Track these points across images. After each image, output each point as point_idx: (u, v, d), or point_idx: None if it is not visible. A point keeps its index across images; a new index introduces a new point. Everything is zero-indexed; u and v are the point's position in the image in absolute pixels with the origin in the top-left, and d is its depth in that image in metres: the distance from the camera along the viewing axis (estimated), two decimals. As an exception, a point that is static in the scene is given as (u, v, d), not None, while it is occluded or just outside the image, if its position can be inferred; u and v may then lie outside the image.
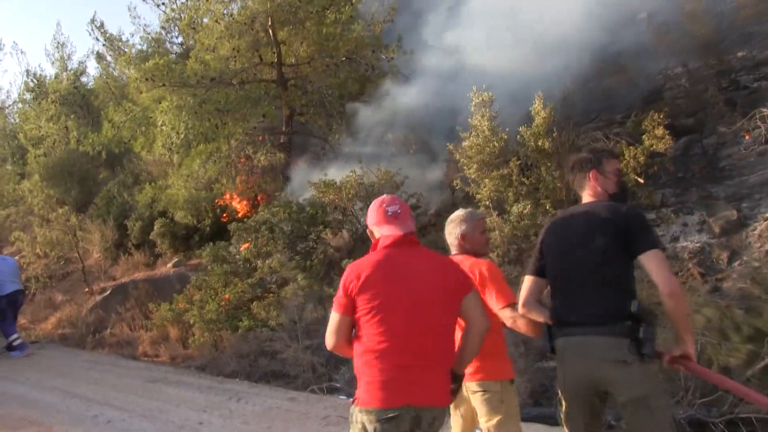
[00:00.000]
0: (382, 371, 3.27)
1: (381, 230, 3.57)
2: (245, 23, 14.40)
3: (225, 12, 14.78)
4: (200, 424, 7.15)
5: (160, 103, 14.52)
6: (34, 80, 27.08)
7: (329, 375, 8.74)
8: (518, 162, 11.07)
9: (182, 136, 13.91)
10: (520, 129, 11.28)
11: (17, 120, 28.85)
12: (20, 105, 28.85)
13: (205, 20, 15.73)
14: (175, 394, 8.66)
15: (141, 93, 14.73)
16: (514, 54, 14.81)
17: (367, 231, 3.74)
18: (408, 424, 3.19)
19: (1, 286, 12.17)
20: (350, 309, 3.38)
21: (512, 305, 3.92)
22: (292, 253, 12.11)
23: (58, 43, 27.68)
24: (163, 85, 14.02)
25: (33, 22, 67.68)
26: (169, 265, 16.05)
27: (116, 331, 13.22)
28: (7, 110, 28.34)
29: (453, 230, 4.39)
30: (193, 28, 16.48)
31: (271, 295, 11.68)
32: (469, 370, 3.79)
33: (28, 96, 27.49)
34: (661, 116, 10.81)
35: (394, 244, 3.46)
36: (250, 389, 8.77)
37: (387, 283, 3.34)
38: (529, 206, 10.50)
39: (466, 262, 4.07)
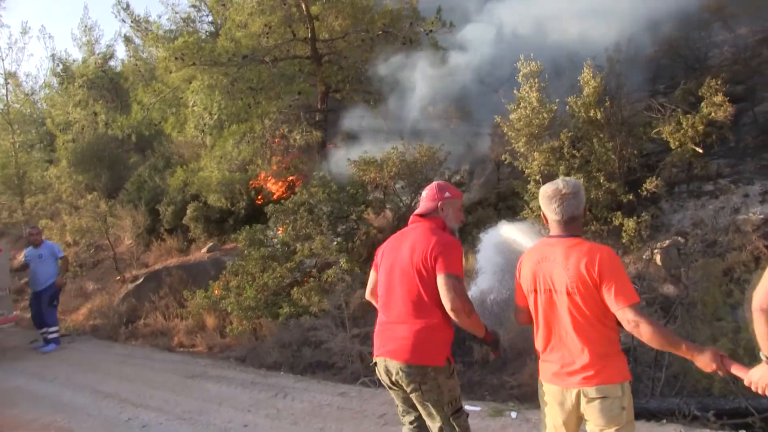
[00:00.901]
0: (375, 326, 4.09)
1: None
2: (277, -2, 13.82)
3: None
4: (245, 427, 6.53)
5: (190, 83, 14.01)
6: (61, 65, 26.72)
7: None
8: (569, 134, 10.39)
9: (215, 116, 13.37)
10: (570, 99, 10.60)
11: (45, 106, 28.47)
12: (47, 90, 28.53)
13: (236, -4, 15.19)
14: (216, 392, 8.04)
15: (170, 73, 14.15)
16: (556, 24, 14.19)
17: None
18: (384, 374, 3.91)
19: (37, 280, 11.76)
20: (377, 269, 4.21)
21: (635, 305, 3.23)
22: (333, 235, 11.49)
23: (86, 26, 27.42)
24: (194, 63, 13.48)
25: (60, 6, 67.33)
26: (204, 250, 15.53)
27: (150, 320, 12.67)
28: (35, 96, 27.92)
29: (572, 201, 3.54)
30: (223, 5, 15.96)
31: (311, 279, 11.09)
32: (584, 374, 3.32)
33: (55, 81, 27.19)
34: (719, 82, 10.11)
35: (409, 222, 4.19)
36: (297, 383, 8.12)
37: (389, 253, 4.10)
38: (582, 179, 9.78)
39: (583, 247, 3.40)
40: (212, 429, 6.52)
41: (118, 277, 15.76)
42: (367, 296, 4.35)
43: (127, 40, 25.27)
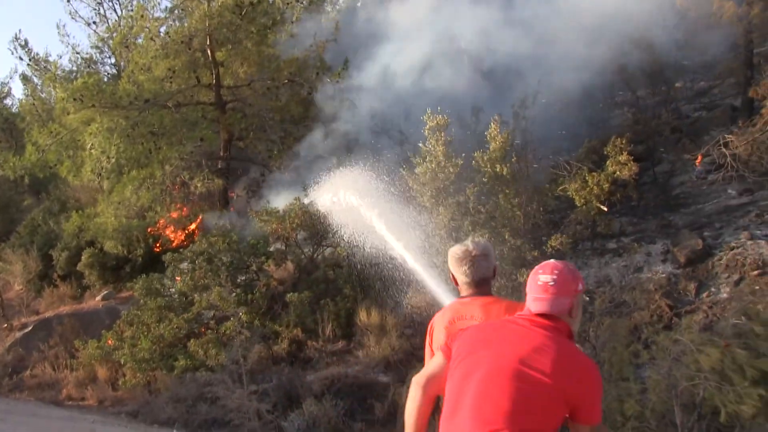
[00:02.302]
0: None
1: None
2: (182, 42, 13.68)
3: (161, 30, 14.03)
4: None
5: (89, 125, 13.58)
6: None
7: (277, 423, 7.95)
8: (475, 189, 10.54)
9: (113, 160, 13.01)
10: (476, 154, 10.76)
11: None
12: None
13: (140, 39, 14.92)
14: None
15: (69, 114, 13.72)
16: (459, 76, 14.52)
17: None
18: None
19: None
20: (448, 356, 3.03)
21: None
22: (233, 286, 11.29)
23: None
24: (93, 105, 13.11)
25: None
26: (98, 298, 15.00)
27: (37, 371, 12.09)
28: None
29: (483, 263, 3.45)
30: (126, 47, 15.64)
31: (209, 331, 10.84)
32: None
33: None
34: (623, 141, 10.42)
35: (515, 314, 2.96)
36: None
37: (486, 355, 2.81)
38: (488, 235, 9.90)
39: (501, 304, 3.34)
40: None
41: (5, 325, 14.99)
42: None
43: (25, 78, 24.39)
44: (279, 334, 10.84)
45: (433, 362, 3.12)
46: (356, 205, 10.95)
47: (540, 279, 2.86)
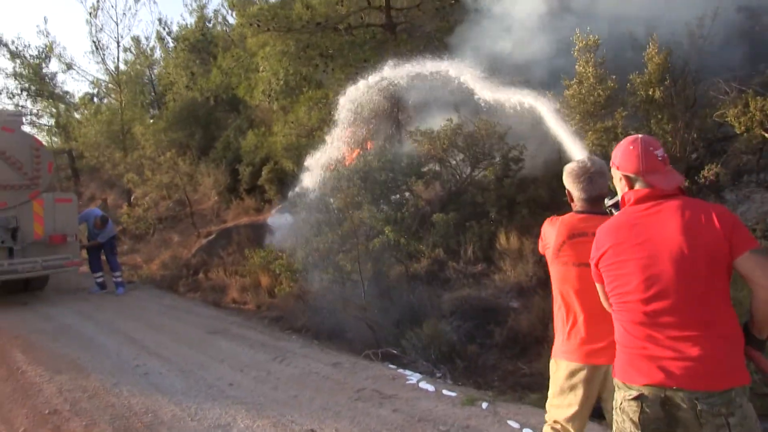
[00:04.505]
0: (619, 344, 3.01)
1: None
2: (355, -37, 13.93)
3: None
4: (230, 386, 6.86)
5: (264, 49, 14.36)
6: (166, 29, 27.86)
7: (396, 339, 8.27)
8: (624, 113, 10.03)
9: (281, 82, 13.70)
10: (631, 76, 10.19)
11: (154, 69, 29.78)
12: (159, 53, 29.80)
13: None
14: (226, 349, 8.50)
15: (246, 39, 14.58)
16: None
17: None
18: (657, 408, 2.79)
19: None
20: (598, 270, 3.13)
21: None
22: (384, 204, 11.69)
23: (196, -10, 28.21)
24: (268, 30, 13.82)
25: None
26: (273, 210, 16.09)
27: (212, 275, 13.35)
28: (142, 58, 29.08)
29: (599, 180, 3.62)
30: (302, -29, 16.13)
31: (359, 247, 11.35)
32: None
33: (158, 45, 28.38)
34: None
35: (636, 203, 2.98)
36: (301, 349, 8.43)
37: (632, 248, 2.94)
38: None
39: None
40: (201, 384, 6.91)
41: (195, 233, 16.58)
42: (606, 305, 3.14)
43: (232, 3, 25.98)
44: (422, 253, 11.12)
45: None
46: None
47: (658, 154, 2.97)
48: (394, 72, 12.59)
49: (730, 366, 2.73)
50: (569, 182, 3.63)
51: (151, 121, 24.61)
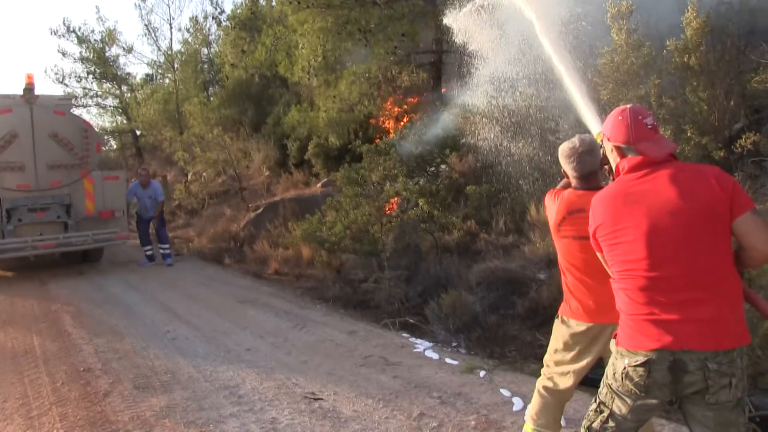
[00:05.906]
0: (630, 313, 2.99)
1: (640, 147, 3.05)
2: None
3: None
4: (247, 350, 7.24)
5: (303, 26, 14.58)
6: (218, 8, 28.36)
7: (420, 309, 8.48)
8: (658, 81, 9.86)
9: (319, 58, 13.91)
10: (668, 42, 9.98)
11: (211, 48, 30.37)
12: (220, 34, 30.28)
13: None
14: (252, 317, 8.93)
15: (287, 16, 14.81)
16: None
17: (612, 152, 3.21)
18: (666, 372, 2.80)
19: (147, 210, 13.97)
20: (596, 240, 3.21)
21: None
22: (419, 176, 11.86)
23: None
24: (308, 7, 14.02)
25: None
26: (319, 185, 16.43)
27: (258, 247, 13.75)
28: (194, 38, 29.64)
29: (588, 158, 3.78)
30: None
31: (394, 219, 11.57)
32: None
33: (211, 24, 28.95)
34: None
35: (631, 170, 3.03)
36: (322, 318, 8.77)
37: (631, 215, 2.99)
38: (670, 132, 9.31)
39: None
40: (221, 349, 7.33)
41: (246, 206, 17.07)
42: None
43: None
44: (454, 225, 11.27)
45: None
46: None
47: (648, 123, 3.04)
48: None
49: (735, 325, 2.77)
50: (562, 162, 3.81)
51: (211, 99, 25.26)
